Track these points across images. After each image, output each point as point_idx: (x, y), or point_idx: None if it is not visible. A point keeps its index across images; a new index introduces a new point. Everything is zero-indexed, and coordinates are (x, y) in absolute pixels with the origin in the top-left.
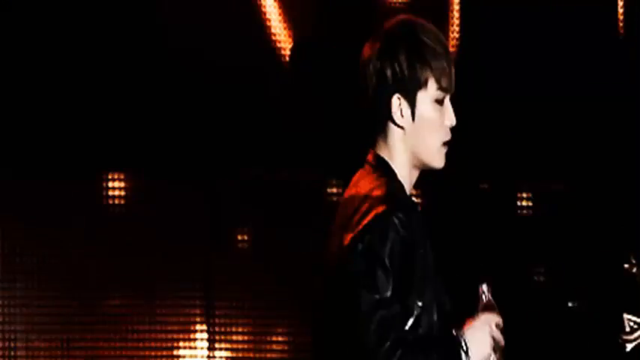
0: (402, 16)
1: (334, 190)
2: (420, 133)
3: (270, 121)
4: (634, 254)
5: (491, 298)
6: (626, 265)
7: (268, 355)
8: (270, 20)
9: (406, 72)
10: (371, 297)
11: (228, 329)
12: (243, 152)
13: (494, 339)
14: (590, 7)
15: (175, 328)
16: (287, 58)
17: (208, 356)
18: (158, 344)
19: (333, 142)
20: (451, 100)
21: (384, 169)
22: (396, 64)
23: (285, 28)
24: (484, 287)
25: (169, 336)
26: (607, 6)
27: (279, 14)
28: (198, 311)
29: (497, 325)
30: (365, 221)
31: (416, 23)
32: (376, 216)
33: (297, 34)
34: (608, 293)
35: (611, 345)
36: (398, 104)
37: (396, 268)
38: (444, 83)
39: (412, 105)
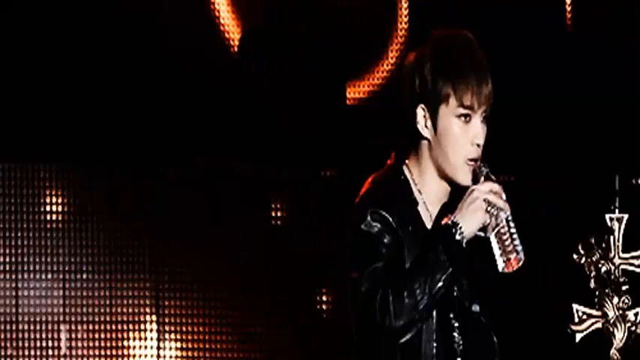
0: (445, 29)
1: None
2: (442, 146)
3: (218, 110)
4: (582, 244)
5: (489, 172)
6: (575, 256)
7: (218, 346)
8: (219, 11)
9: (430, 85)
10: (365, 270)
11: (178, 320)
12: (192, 141)
13: (489, 202)
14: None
15: (125, 319)
16: (236, 49)
17: (158, 347)
18: (108, 335)
19: (280, 132)
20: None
21: (392, 168)
22: (422, 75)
23: (233, 19)
24: (482, 164)
25: (120, 327)
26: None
27: (228, 4)
28: (147, 302)
29: (492, 191)
30: (350, 208)
31: (453, 37)
32: (355, 204)
33: (245, 25)
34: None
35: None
36: (422, 115)
37: (382, 239)
38: (466, 101)
39: (434, 118)
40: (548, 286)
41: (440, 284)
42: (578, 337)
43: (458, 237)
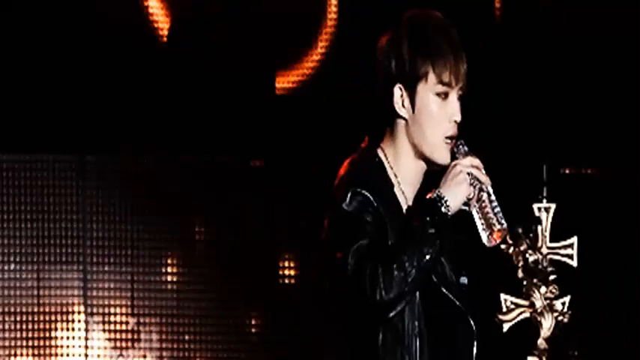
0: (417, 10)
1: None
2: (420, 125)
3: (148, 99)
4: (510, 234)
5: (467, 149)
6: (503, 246)
7: (146, 337)
8: (148, 0)
9: (407, 64)
10: (350, 247)
11: (106, 310)
12: (122, 129)
13: (471, 176)
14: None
15: (53, 309)
16: (165, 39)
17: (86, 338)
18: (36, 325)
19: (209, 121)
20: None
21: (366, 151)
22: (399, 55)
23: (162, 8)
24: (461, 141)
25: (47, 317)
26: None
27: None
28: (75, 292)
29: (473, 165)
30: (331, 192)
31: (428, 17)
32: (335, 187)
33: (174, 14)
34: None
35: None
36: (400, 94)
37: (364, 217)
38: (444, 78)
39: (412, 96)
40: (476, 275)
41: (428, 257)
42: (506, 326)
43: (444, 210)
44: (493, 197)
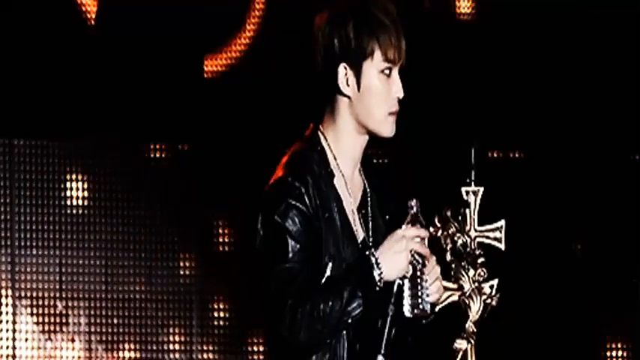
0: None
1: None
2: (365, 102)
3: (77, 85)
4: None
5: (417, 213)
6: (431, 229)
7: (75, 320)
8: None
9: (353, 42)
10: (275, 267)
11: (34, 294)
12: (50, 114)
13: (413, 252)
14: None
15: None
16: (92, 22)
17: (14, 322)
18: None
19: (137, 105)
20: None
21: (309, 138)
22: (343, 34)
23: None
24: (412, 202)
25: None
26: None
27: None
28: (3, 276)
29: (419, 236)
30: (265, 189)
31: None
32: (272, 184)
33: None
34: None
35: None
36: (344, 73)
37: (296, 233)
38: (390, 55)
39: (357, 75)
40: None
41: (351, 317)
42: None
43: (376, 276)
44: (426, 278)
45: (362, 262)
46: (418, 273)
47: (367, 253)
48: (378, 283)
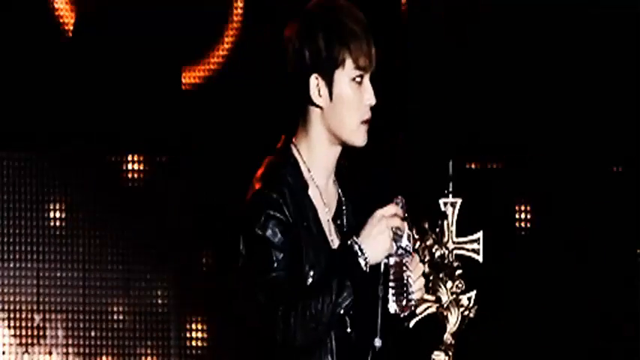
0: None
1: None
2: (338, 112)
3: (53, 95)
4: (416, 229)
5: (404, 210)
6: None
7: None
8: None
9: (323, 52)
10: (261, 278)
11: (11, 307)
12: (24, 124)
13: (395, 229)
14: None
15: None
16: (70, 34)
17: None
18: None
19: (115, 116)
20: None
21: (281, 151)
22: (314, 44)
23: (67, 3)
24: (398, 199)
25: None
26: None
27: None
28: None
29: (397, 215)
30: (243, 204)
31: (335, 4)
32: (250, 198)
33: (79, 9)
34: None
35: None
36: (316, 84)
37: (278, 242)
38: (361, 62)
39: (329, 84)
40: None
41: (342, 311)
42: (412, 321)
43: (362, 263)
44: (410, 274)
45: (346, 252)
46: (404, 269)
47: (349, 242)
48: (365, 269)
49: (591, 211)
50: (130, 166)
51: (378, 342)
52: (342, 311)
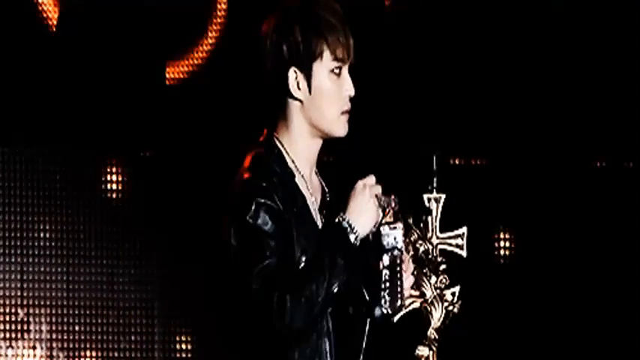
0: None
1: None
2: (317, 104)
3: (38, 91)
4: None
5: (397, 209)
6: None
7: (36, 326)
8: None
9: (301, 45)
10: (254, 267)
11: None
12: (9, 121)
13: (378, 197)
14: None
15: None
16: (54, 29)
17: None
18: None
19: (100, 112)
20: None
21: (265, 142)
22: (291, 38)
23: None
24: (390, 199)
25: None
26: None
27: None
28: None
29: (377, 184)
30: (230, 192)
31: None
32: (238, 188)
33: (63, 4)
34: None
35: None
36: (294, 77)
37: (270, 230)
38: (339, 54)
39: (308, 77)
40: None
41: (336, 288)
42: (396, 317)
43: (353, 239)
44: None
45: (335, 229)
46: (397, 269)
47: (337, 219)
48: (356, 243)
49: (573, 207)
50: (114, 161)
51: (378, 311)
52: (336, 289)
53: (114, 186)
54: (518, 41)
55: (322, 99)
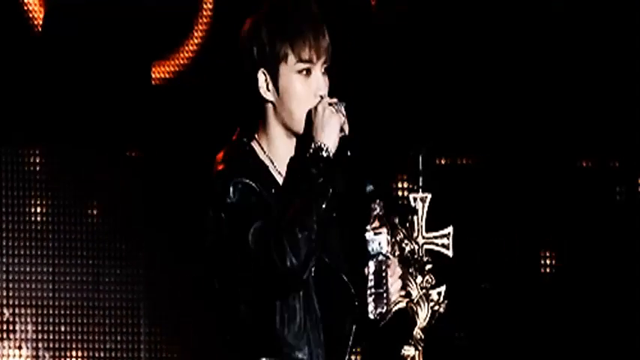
0: None
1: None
2: (286, 105)
3: (20, 89)
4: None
5: (382, 214)
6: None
7: (22, 326)
8: None
9: (267, 47)
10: (245, 237)
11: None
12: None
13: (332, 104)
14: None
15: None
16: (39, 28)
17: None
18: None
19: (85, 112)
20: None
21: (237, 142)
22: (259, 40)
23: None
24: (375, 204)
25: None
26: None
27: None
28: None
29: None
30: (208, 186)
31: (285, 1)
32: (212, 179)
33: (48, 3)
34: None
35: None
36: (264, 79)
37: (253, 202)
38: (304, 56)
39: (275, 79)
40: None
41: (324, 206)
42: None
43: (325, 155)
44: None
45: (308, 156)
46: (383, 274)
47: (312, 145)
48: (330, 158)
49: (560, 207)
50: (99, 161)
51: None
52: (324, 205)
53: (99, 186)
54: (503, 42)
55: (290, 100)
